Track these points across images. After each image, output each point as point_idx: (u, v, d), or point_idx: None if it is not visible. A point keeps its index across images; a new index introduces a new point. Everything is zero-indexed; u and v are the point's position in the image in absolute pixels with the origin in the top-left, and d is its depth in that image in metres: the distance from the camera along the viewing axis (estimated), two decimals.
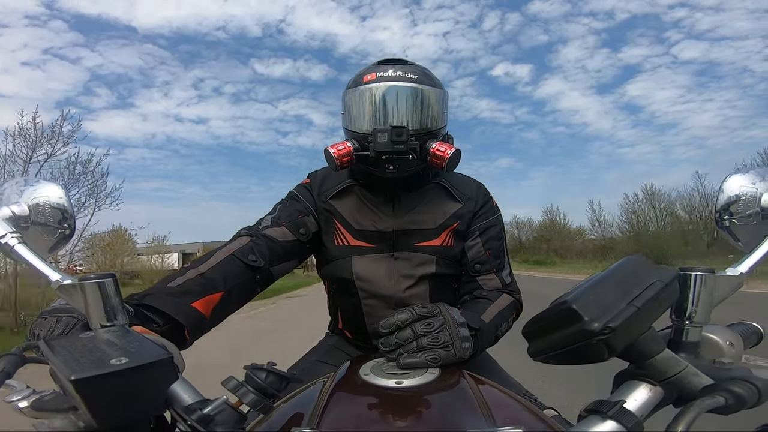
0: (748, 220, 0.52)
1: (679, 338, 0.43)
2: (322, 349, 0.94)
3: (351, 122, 0.82)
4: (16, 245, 0.49)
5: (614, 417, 0.34)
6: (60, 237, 0.57)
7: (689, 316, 0.42)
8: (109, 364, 0.31)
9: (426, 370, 0.54)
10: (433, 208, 0.86)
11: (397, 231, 0.84)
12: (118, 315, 0.46)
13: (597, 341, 0.32)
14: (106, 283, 0.45)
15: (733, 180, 0.53)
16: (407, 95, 0.79)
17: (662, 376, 0.37)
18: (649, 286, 0.34)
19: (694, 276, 0.42)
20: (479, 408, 0.45)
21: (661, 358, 0.37)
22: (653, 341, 0.36)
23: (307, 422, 0.45)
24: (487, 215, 0.89)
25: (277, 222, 0.83)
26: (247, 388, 0.39)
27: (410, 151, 0.75)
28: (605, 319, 0.32)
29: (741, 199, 0.52)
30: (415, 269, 0.83)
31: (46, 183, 0.57)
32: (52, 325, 0.49)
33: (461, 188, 0.90)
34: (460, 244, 0.86)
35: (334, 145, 0.78)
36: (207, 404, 0.36)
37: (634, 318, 0.33)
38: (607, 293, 0.34)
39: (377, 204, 0.86)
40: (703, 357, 0.43)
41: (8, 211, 0.52)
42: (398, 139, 0.74)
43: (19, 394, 0.36)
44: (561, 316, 0.35)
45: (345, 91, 0.84)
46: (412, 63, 0.84)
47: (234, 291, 0.71)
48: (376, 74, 0.80)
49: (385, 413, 0.46)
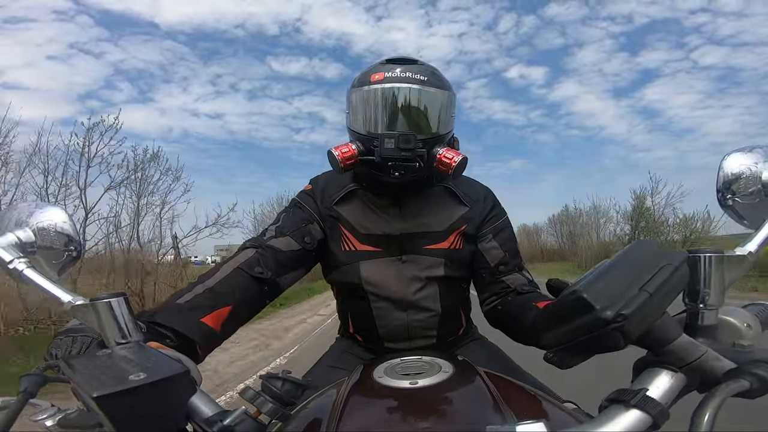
0: (751, 198, 0.51)
1: (695, 322, 0.42)
2: (334, 355, 0.94)
3: (356, 123, 0.80)
4: (25, 270, 0.50)
5: (638, 405, 0.33)
6: (67, 259, 0.58)
7: (703, 299, 0.41)
8: (128, 380, 0.31)
9: (440, 369, 0.54)
10: (439, 211, 0.85)
11: (404, 234, 0.83)
12: (133, 332, 0.46)
13: (611, 330, 0.32)
14: (117, 302, 0.46)
15: (732, 158, 0.52)
16: (416, 99, 0.77)
17: (683, 362, 0.36)
18: (659, 271, 0.34)
19: (704, 257, 0.41)
20: (497, 403, 0.45)
21: (679, 344, 0.36)
22: (669, 326, 0.36)
23: (326, 428, 0.45)
24: (497, 218, 0.89)
25: (282, 232, 0.82)
26: (265, 397, 0.39)
27: (417, 159, 0.74)
28: (617, 307, 0.32)
29: (742, 177, 0.51)
30: (424, 272, 0.83)
31: (51, 207, 0.58)
32: (68, 345, 0.49)
33: (468, 192, 0.89)
34: (468, 247, 0.86)
35: (338, 146, 0.77)
36: (227, 415, 0.37)
37: (648, 304, 0.32)
38: (617, 280, 0.34)
39: (383, 207, 0.85)
40: (721, 340, 0.42)
41: (14, 237, 0.53)
42: (406, 147, 0.73)
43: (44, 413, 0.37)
44: (572, 307, 0.34)
45: (350, 89, 0.82)
46: (422, 62, 0.82)
47: (243, 304, 0.71)
48: (384, 74, 0.78)
49: (402, 414, 0.46)
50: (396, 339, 0.86)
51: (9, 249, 0.51)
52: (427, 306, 0.84)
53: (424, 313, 0.84)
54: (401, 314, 0.84)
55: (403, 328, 0.84)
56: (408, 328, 0.84)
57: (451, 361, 0.57)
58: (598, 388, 0.43)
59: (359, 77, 0.82)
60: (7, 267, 0.50)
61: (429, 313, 0.84)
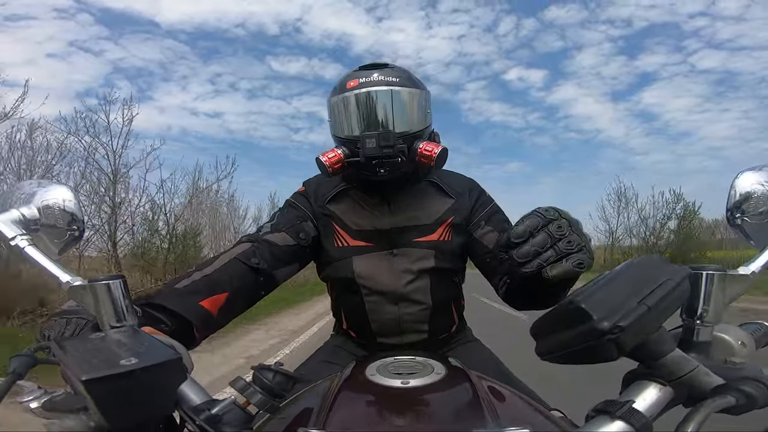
0: (760, 218, 0.51)
1: (689, 338, 0.42)
2: (327, 350, 0.95)
3: (338, 129, 0.84)
4: (26, 247, 0.50)
5: (623, 417, 0.34)
6: (69, 239, 0.57)
7: (700, 316, 0.41)
8: (119, 365, 0.31)
9: (432, 370, 0.54)
10: (427, 205, 0.89)
11: (394, 228, 0.86)
12: (128, 316, 0.46)
13: (607, 340, 0.32)
14: (116, 284, 0.46)
15: (744, 177, 0.52)
16: (391, 99, 0.81)
17: (672, 376, 0.36)
18: (659, 285, 0.34)
19: (705, 275, 0.41)
20: (485, 408, 0.45)
21: (671, 358, 0.36)
22: (664, 341, 0.36)
23: (314, 422, 0.45)
24: (485, 204, 0.92)
25: (277, 228, 0.85)
26: (255, 388, 0.39)
27: (399, 154, 0.78)
28: (615, 318, 0.32)
29: (753, 197, 0.51)
30: (415, 264, 0.85)
31: (56, 185, 0.58)
32: (62, 327, 0.50)
33: (452, 185, 0.92)
34: (458, 238, 0.88)
35: (324, 153, 0.80)
36: (215, 404, 0.37)
37: (645, 317, 0.32)
38: (617, 292, 0.34)
39: (373, 204, 0.88)
40: (714, 357, 0.42)
41: (18, 213, 0.53)
42: (386, 144, 0.76)
43: (30, 394, 0.37)
44: (570, 315, 0.34)
45: (330, 99, 0.86)
46: (393, 66, 0.86)
47: (239, 292, 0.73)
48: (359, 80, 0.82)
49: (391, 413, 0.46)
50: (388, 333, 0.87)
51: (12, 225, 0.51)
52: (418, 299, 0.85)
53: (416, 306, 0.85)
54: (393, 308, 0.85)
55: (394, 321, 0.86)
56: (399, 321, 0.85)
57: (443, 363, 0.57)
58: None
59: (337, 86, 0.86)
60: (9, 243, 0.50)
61: (420, 306, 0.85)
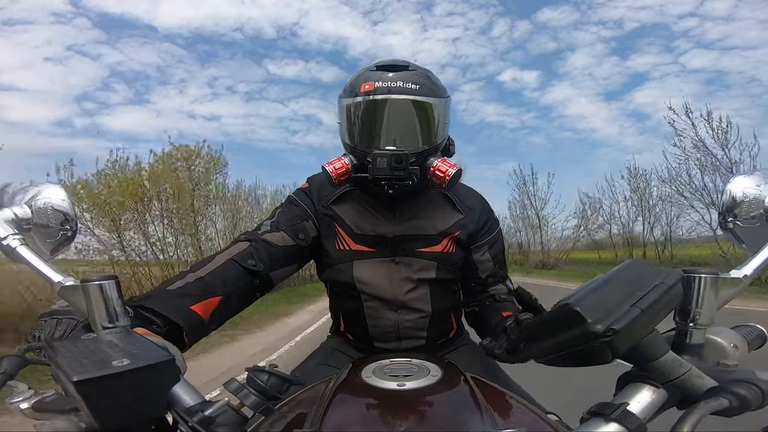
0: (752, 222, 0.51)
1: (682, 340, 0.42)
2: (324, 352, 0.94)
3: (348, 135, 0.80)
4: (18, 247, 0.50)
5: (617, 419, 0.34)
6: (62, 239, 0.57)
7: (693, 318, 0.42)
8: (111, 366, 0.31)
9: (428, 372, 0.54)
10: (434, 215, 0.86)
11: (398, 236, 0.84)
12: (120, 317, 0.46)
13: (600, 343, 0.32)
14: (109, 285, 0.45)
15: (737, 182, 0.53)
16: (409, 111, 0.75)
17: (666, 378, 0.37)
18: (653, 288, 0.34)
19: (698, 278, 0.42)
20: (481, 410, 0.45)
21: (664, 361, 0.36)
22: (657, 343, 0.36)
23: (309, 424, 0.44)
24: (492, 230, 0.91)
25: (276, 227, 0.83)
26: (249, 390, 0.39)
27: (410, 177, 0.74)
28: (608, 321, 0.32)
29: (745, 201, 0.52)
30: (416, 273, 0.84)
31: (49, 185, 0.57)
32: (52, 328, 0.49)
33: (463, 199, 0.89)
34: (460, 252, 0.87)
35: (331, 162, 0.78)
36: (208, 406, 0.36)
37: (638, 320, 0.33)
38: (610, 295, 0.34)
39: (378, 208, 0.85)
40: (707, 359, 0.42)
41: (10, 212, 0.52)
42: (398, 166, 0.72)
43: (20, 395, 0.36)
44: (564, 319, 0.34)
45: (341, 98, 0.81)
46: (415, 68, 0.79)
47: (233, 295, 0.71)
48: (375, 83, 0.75)
49: (386, 415, 0.45)
50: (386, 339, 0.86)
51: (4, 225, 0.51)
52: (418, 307, 0.84)
53: (415, 313, 0.84)
54: (392, 314, 0.84)
55: (393, 328, 0.85)
56: (398, 328, 0.85)
57: (439, 365, 0.57)
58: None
59: (350, 84, 0.80)
60: (0, 243, 0.50)
61: (419, 314, 0.85)
